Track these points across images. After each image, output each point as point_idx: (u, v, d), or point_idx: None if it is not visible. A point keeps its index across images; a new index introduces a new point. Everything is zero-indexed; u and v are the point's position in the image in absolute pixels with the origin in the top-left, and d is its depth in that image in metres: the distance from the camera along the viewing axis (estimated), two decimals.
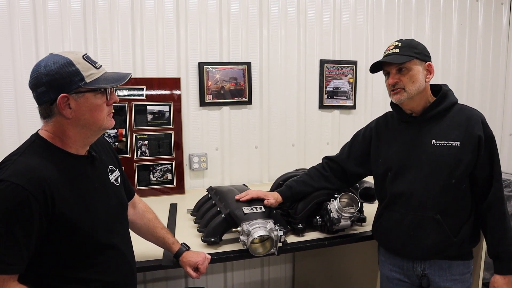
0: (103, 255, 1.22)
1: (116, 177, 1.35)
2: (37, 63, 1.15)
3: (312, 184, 1.84)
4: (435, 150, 1.55)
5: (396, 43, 1.60)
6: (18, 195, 1.04)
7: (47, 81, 1.11)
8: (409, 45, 1.58)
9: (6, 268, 1.05)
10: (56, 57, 1.13)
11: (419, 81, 1.55)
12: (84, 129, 1.17)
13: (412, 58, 1.55)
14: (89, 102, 1.14)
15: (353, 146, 1.84)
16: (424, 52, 1.59)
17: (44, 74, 1.11)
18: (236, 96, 2.68)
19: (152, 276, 2.58)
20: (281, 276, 2.97)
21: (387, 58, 1.58)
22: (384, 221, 1.69)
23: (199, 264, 1.51)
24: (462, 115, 1.57)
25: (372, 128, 1.78)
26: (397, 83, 1.56)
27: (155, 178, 2.53)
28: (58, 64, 1.11)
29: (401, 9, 3.06)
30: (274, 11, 2.73)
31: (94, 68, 1.16)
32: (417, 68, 1.55)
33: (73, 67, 1.12)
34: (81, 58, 1.15)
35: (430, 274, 1.63)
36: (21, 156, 1.11)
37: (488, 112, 3.36)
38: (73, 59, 1.13)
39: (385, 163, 1.67)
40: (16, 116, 2.28)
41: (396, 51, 1.57)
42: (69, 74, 1.11)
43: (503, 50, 3.42)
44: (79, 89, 1.12)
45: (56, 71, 1.11)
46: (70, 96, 1.12)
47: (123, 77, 1.19)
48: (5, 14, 2.21)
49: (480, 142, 1.52)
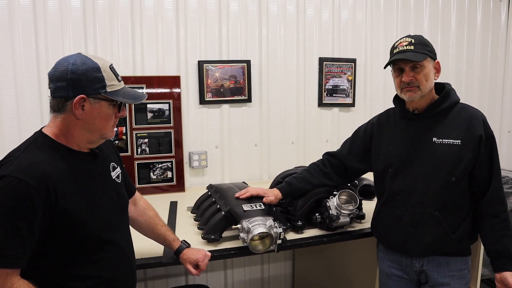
0: (104, 251, 1.24)
1: (118, 174, 1.37)
2: (64, 57, 1.17)
3: (312, 181, 1.84)
4: (436, 148, 1.55)
5: (409, 40, 1.57)
6: (22, 191, 1.05)
7: (71, 79, 1.13)
8: (422, 43, 1.56)
9: (9, 262, 1.06)
10: (85, 59, 1.16)
11: (431, 79, 1.56)
12: (89, 133, 1.20)
13: (427, 57, 1.54)
14: (102, 109, 1.18)
15: (354, 142, 1.84)
16: (433, 50, 1.59)
17: (70, 71, 1.13)
18: (235, 94, 2.68)
19: (153, 273, 2.59)
20: (281, 274, 2.99)
21: (407, 55, 1.54)
22: (383, 218, 1.70)
23: (199, 261, 1.52)
24: (464, 114, 1.57)
25: (373, 124, 1.79)
26: (412, 81, 1.55)
27: (155, 176, 2.54)
28: (86, 66, 1.14)
29: (399, 6, 3.06)
30: (273, 9, 2.73)
31: (116, 80, 1.20)
32: (429, 66, 1.55)
33: (99, 74, 1.15)
34: (108, 67, 1.18)
35: (428, 270, 1.64)
36: (24, 152, 1.13)
37: (487, 109, 3.37)
38: (101, 65, 1.16)
39: (386, 160, 1.67)
40: (16, 114, 2.29)
41: (411, 48, 1.54)
42: (94, 79, 1.14)
43: (502, 48, 3.43)
44: (98, 95, 1.16)
45: (82, 72, 1.13)
46: (87, 99, 1.14)
47: (139, 96, 1.25)
48: (5, 13, 2.22)
49: (481, 141, 1.53)
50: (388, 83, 3.04)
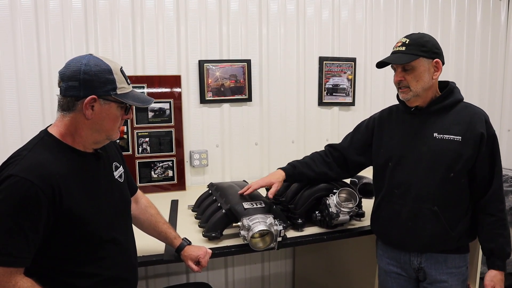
0: (106, 249, 1.25)
1: (120, 174, 1.38)
2: (77, 57, 1.19)
3: (314, 168, 1.85)
4: (437, 143, 1.56)
5: (404, 40, 1.57)
6: (28, 190, 1.06)
7: (84, 79, 1.14)
8: (417, 43, 1.54)
9: (14, 261, 1.08)
10: (98, 60, 1.18)
11: (424, 79, 1.55)
12: (96, 133, 1.21)
13: (417, 57, 1.53)
14: (111, 111, 1.20)
15: (355, 136, 1.87)
16: (432, 49, 1.56)
17: (83, 71, 1.15)
18: (236, 93, 2.70)
19: (154, 271, 2.61)
20: (282, 271, 3.00)
21: (391, 58, 1.57)
22: (382, 213, 1.71)
23: (200, 258, 1.54)
24: (466, 112, 1.58)
25: (375, 119, 1.80)
26: (402, 82, 1.56)
27: (156, 175, 2.56)
28: (99, 68, 1.16)
29: (399, 5, 3.07)
30: (273, 9, 2.74)
31: (126, 83, 1.23)
32: (423, 67, 1.54)
33: (111, 76, 1.18)
34: (119, 70, 1.21)
35: (426, 267, 1.65)
36: (30, 152, 1.14)
37: (487, 108, 3.37)
38: (113, 68, 1.19)
39: (386, 153, 1.68)
40: (18, 113, 2.30)
41: (402, 49, 1.55)
42: (106, 80, 1.17)
43: (501, 46, 3.43)
44: (108, 97, 1.18)
45: (95, 73, 1.15)
46: (98, 100, 1.16)
47: (148, 100, 1.28)
48: (7, 13, 2.23)
49: (482, 139, 1.54)
50: (388, 82, 3.05)
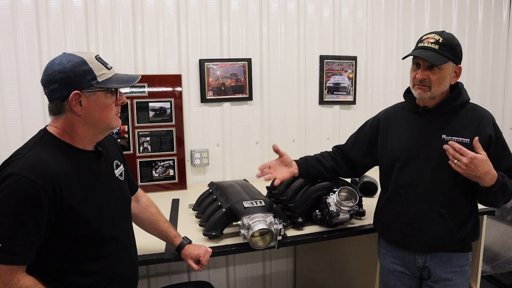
0: (107, 248, 1.26)
1: (121, 172, 1.38)
2: (50, 61, 1.18)
3: (324, 163, 1.86)
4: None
5: (438, 37, 1.51)
6: (29, 189, 1.07)
7: (61, 78, 1.14)
8: (450, 45, 1.51)
9: (16, 259, 1.08)
10: (70, 56, 1.17)
11: (445, 83, 1.53)
12: (93, 127, 1.21)
13: (448, 61, 1.50)
14: (100, 100, 1.18)
15: (360, 136, 1.86)
16: (459, 54, 1.55)
17: (58, 71, 1.14)
18: (236, 92, 2.69)
19: (155, 270, 2.61)
20: (283, 270, 3.00)
21: (427, 54, 1.50)
22: (387, 213, 1.70)
23: (201, 257, 1.54)
24: (474, 114, 1.58)
25: (379, 118, 1.79)
26: (425, 80, 1.52)
27: (157, 174, 2.56)
28: (72, 63, 1.15)
29: (400, 4, 3.05)
30: (273, 8, 2.74)
31: (106, 68, 1.20)
32: (448, 70, 1.52)
33: (86, 66, 1.16)
34: (94, 58, 1.19)
35: (431, 266, 1.65)
36: (30, 150, 1.14)
37: (488, 106, 3.36)
38: (86, 58, 1.17)
39: (393, 153, 1.67)
40: (19, 112, 2.30)
41: (435, 48, 1.50)
42: (82, 73, 1.15)
43: (503, 45, 3.41)
44: (91, 87, 1.16)
45: (70, 69, 1.14)
46: (82, 94, 1.15)
47: (133, 78, 1.25)
48: (8, 13, 2.23)
49: (491, 141, 1.53)
50: (389, 81, 3.06)
